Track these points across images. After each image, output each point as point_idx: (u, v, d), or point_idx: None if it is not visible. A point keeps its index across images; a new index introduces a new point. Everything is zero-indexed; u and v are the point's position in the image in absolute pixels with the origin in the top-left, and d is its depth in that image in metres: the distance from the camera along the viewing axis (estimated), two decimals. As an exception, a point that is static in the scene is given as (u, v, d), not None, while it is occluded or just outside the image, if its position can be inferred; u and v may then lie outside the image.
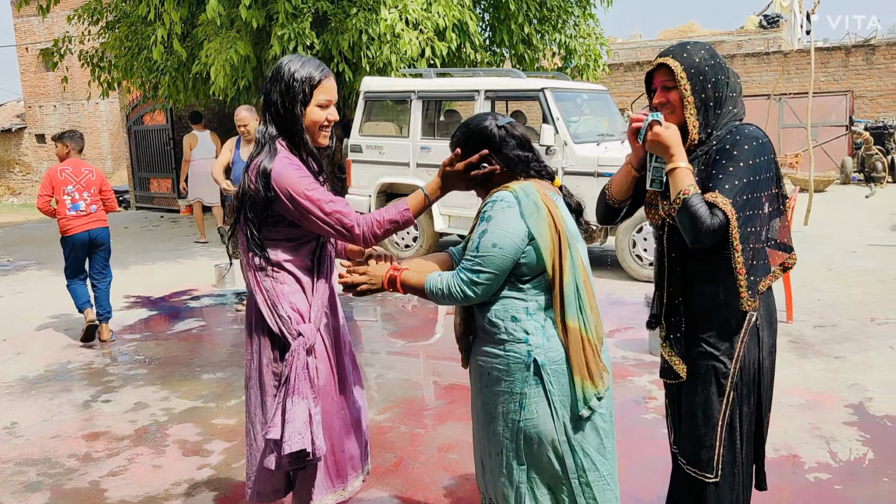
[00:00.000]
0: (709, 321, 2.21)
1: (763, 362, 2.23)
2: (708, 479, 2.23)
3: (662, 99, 2.19)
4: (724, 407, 2.19)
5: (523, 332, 2.05)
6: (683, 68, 2.14)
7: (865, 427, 3.83)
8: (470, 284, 2.04)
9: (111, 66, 11.59)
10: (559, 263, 2.04)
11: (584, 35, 12.09)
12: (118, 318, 6.65)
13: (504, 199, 2.06)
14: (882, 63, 17.94)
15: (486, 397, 2.12)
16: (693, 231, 2.06)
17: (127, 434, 4.06)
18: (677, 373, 2.26)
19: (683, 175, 2.08)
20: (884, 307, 6.08)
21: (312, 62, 2.30)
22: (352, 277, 2.24)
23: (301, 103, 2.27)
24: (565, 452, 2.06)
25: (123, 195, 17.67)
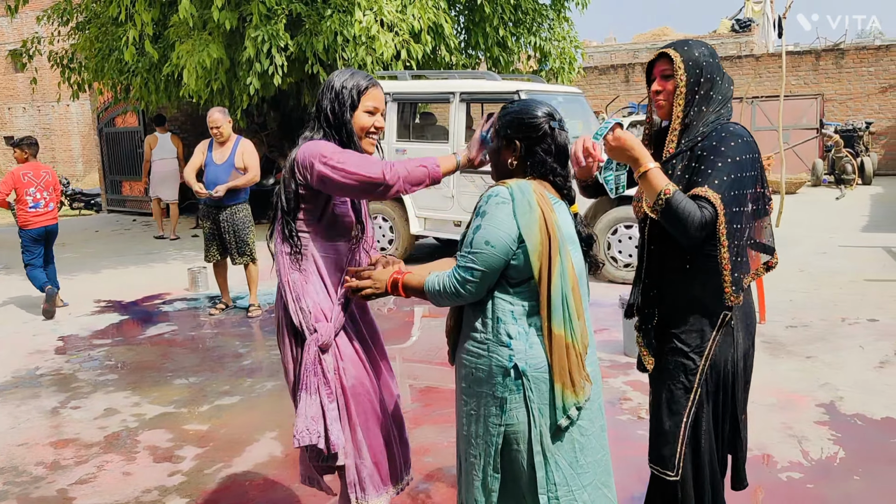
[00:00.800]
0: (682, 317, 2.23)
1: (737, 363, 2.24)
2: (668, 478, 2.23)
3: (659, 87, 2.25)
4: (690, 404, 2.21)
5: (506, 336, 2.00)
6: (683, 60, 2.20)
7: (836, 426, 3.87)
8: (463, 282, 1.99)
9: (81, 67, 11.43)
10: (547, 268, 1.97)
11: (559, 38, 12.15)
12: (88, 322, 6.55)
13: (499, 194, 2.00)
14: (851, 67, 18.25)
15: (470, 398, 2.10)
16: (683, 227, 2.06)
17: (96, 441, 3.98)
18: (645, 366, 2.31)
19: (657, 175, 2.09)
20: (854, 307, 6.16)
21: (360, 73, 2.44)
22: (357, 282, 2.23)
23: (350, 108, 2.39)
24: (538, 464, 2.00)
25: (95, 198, 17.45)
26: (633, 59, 23.00)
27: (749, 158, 2.15)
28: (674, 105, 2.21)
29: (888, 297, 6.42)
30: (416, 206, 8.43)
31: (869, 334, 5.42)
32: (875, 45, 18.56)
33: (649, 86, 2.31)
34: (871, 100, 18.15)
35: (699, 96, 2.19)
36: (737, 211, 2.11)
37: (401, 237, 8.62)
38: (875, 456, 3.52)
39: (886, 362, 4.82)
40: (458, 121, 8.09)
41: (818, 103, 18.29)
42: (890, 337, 5.33)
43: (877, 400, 4.18)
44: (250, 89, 9.30)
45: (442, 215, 8.22)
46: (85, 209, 17.49)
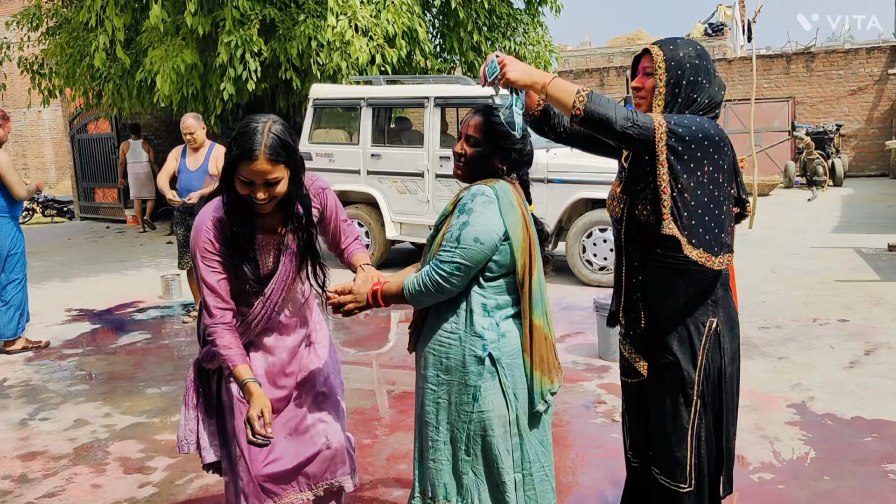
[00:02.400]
0: (669, 329, 2.20)
1: (725, 369, 2.22)
2: (682, 490, 2.22)
3: (639, 84, 2.21)
4: (692, 416, 2.19)
5: (480, 328, 2.09)
6: (664, 58, 2.15)
7: (807, 426, 3.91)
8: (448, 276, 2.05)
9: (52, 73, 11.29)
10: (529, 264, 2.10)
11: (534, 42, 12.21)
12: (58, 332, 6.45)
13: (485, 193, 2.09)
14: (821, 70, 18.51)
15: (438, 386, 2.14)
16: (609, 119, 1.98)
17: (65, 453, 3.92)
18: (638, 371, 2.26)
19: (563, 83, 2.02)
20: (825, 308, 6.24)
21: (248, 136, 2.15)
22: (339, 298, 2.25)
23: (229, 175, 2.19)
24: (515, 446, 2.12)
25: (67, 205, 17.23)
26: (607, 62, 23.15)
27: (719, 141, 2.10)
28: (653, 104, 2.17)
29: (858, 298, 6.50)
30: (392, 211, 8.41)
31: (839, 335, 5.48)
32: (844, 49, 18.84)
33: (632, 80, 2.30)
34: (841, 102, 18.43)
35: (681, 98, 2.15)
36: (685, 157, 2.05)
37: (376, 242, 8.59)
38: (845, 456, 3.56)
39: (856, 362, 4.88)
40: (432, 125, 8.09)
41: (789, 106, 18.53)
42: (859, 337, 5.40)
43: (847, 400, 4.23)
44: (224, 95, 9.24)
45: (417, 220, 8.21)
46: (57, 216, 17.25)
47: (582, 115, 1.99)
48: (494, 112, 2.15)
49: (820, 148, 16.29)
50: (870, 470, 3.40)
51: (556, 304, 6.61)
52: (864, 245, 8.95)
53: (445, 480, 2.14)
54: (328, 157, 8.84)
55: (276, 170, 2.16)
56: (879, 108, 18.20)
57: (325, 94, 8.89)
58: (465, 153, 2.17)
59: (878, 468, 3.41)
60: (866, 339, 5.36)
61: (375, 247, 8.62)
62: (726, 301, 2.23)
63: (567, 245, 7.53)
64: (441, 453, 2.15)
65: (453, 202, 2.14)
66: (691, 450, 2.21)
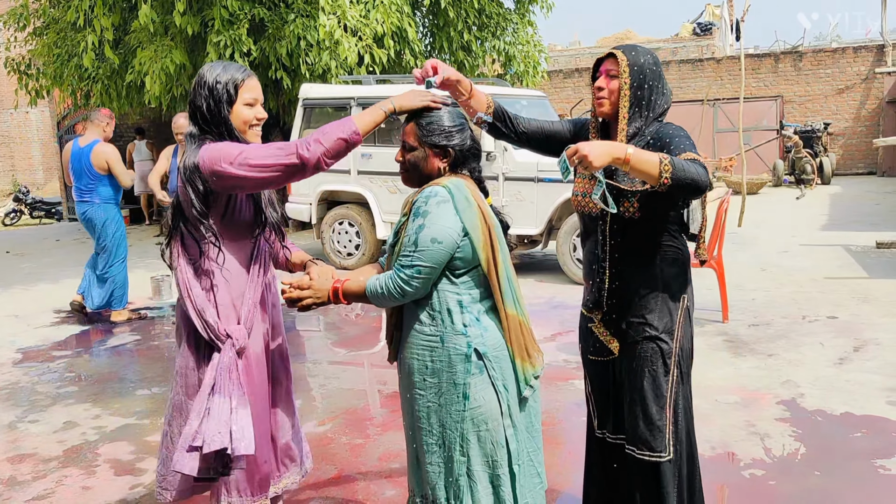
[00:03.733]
0: (648, 304, 2.35)
1: (692, 341, 2.44)
2: (662, 458, 2.33)
3: (603, 84, 2.34)
4: (671, 385, 2.35)
5: (461, 325, 2.10)
6: (628, 63, 2.30)
7: (797, 423, 3.93)
8: (409, 280, 2.06)
9: (39, 73, 11.22)
10: (492, 256, 2.11)
11: (523, 42, 12.23)
12: (47, 333, 6.42)
13: (438, 193, 2.09)
14: (809, 69, 18.62)
15: (425, 390, 2.13)
16: (695, 182, 2.06)
17: (55, 455, 3.89)
18: (611, 350, 2.41)
19: (641, 153, 2.06)
20: (814, 305, 6.27)
21: (234, 65, 2.32)
22: (296, 293, 2.24)
23: (227, 103, 2.28)
24: (510, 436, 2.13)
25: (55, 207, 17.13)
26: (597, 62, 23.20)
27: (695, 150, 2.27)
28: (619, 105, 2.31)
29: (847, 295, 6.55)
30: (383, 211, 8.41)
31: (828, 331, 5.52)
32: (832, 48, 18.97)
33: (594, 81, 2.40)
34: (829, 101, 18.55)
35: (643, 101, 2.30)
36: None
37: (367, 242, 8.59)
38: (835, 451, 3.58)
39: (845, 359, 4.91)
40: (423, 125, 8.08)
41: (778, 105, 18.63)
42: (848, 334, 5.44)
43: (836, 396, 4.26)
44: (213, 95, 9.20)
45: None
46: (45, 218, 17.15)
47: (670, 184, 2.05)
48: (423, 114, 2.18)
49: (808, 146, 16.40)
50: (859, 465, 3.42)
51: (546, 302, 6.62)
52: (852, 243, 9.01)
53: (443, 483, 2.14)
54: (318, 157, 8.80)
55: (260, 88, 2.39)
56: (867, 106, 18.34)
57: (314, 93, 8.88)
58: (405, 159, 2.21)
59: (867, 464, 3.44)
60: (855, 335, 5.40)
61: (366, 247, 8.61)
62: (690, 279, 2.45)
63: (557, 244, 7.54)
64: (436, 456, 2.14)
65: (408, 207, 2.15)
66: (670, 418, 2.35)
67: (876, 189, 15.03)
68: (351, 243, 8.75)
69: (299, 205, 9.02)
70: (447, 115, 2.19)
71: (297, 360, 5.49)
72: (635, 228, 2.32)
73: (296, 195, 9.04)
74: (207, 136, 2.30)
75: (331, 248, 8.87)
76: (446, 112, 2.20)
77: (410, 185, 2.26)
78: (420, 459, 2.20)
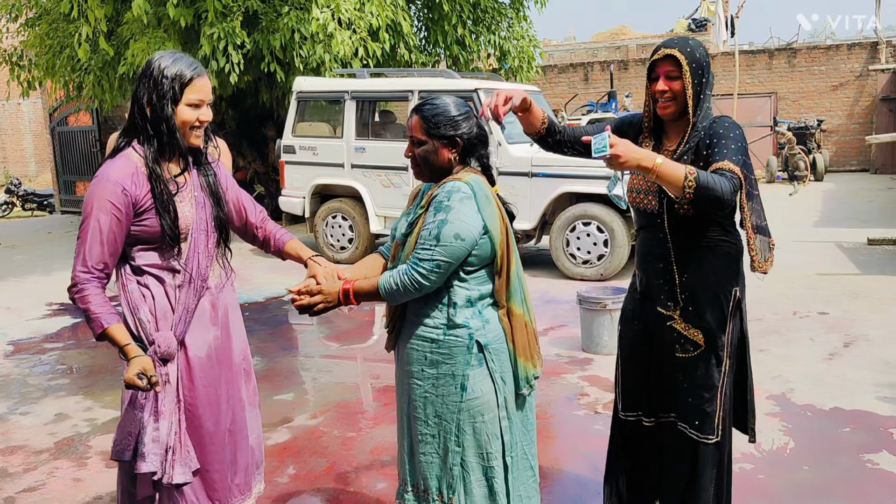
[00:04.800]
0: (703, 300, 2.42)
1: (746, 331, 2.49)
2: (709, 441, 2.44)
3: (665, 87, 2.34)
4: (722, 375, 2.43)
5: (463, 318, 2.11)
6: (688, 61, 2.30)
7: (787, 417, 3.95)
8: (427, 274, 2.05)
9: (31, 64, 11.16)
10: (507, 254, 2.14)
11: (518, 37, 12.22)
12: (39, 326, 6.40)
13: (461, 189, 2.09)
14: (803, 66, 18.65)
15: (424, 380, 2.15)
16: (718, 198, 2.12)
17: (46, 447, 3.89)
18: (697, 342, 2.43)
19: (671, 164, 2.13)
20: (805, 300, 6.30)
21: (185, 59, 2.18)
22: (308, 299, 2.22)
23: (171, 101, 2.14)
24: (505, 429, 2.15)
25: (48, 199, 17.07)
26: (592, 57, 23.21)
27: (746, 147, 2.33)
28: (687, 104, 2.32)
29: (838, 291, 6.58)
30: (376, 205, 8.40)
31: (819, 327, 5.54)
32: (826, 45, 19.00)
33: (650, 83, 2.38)
34: (823, 98, 18.59)
35: (702, 95, 2.33)
36: (749, 187, 2.30)
37: (360, 236, 8.58)
38: (824, 446, 3.60)
39: (835, 354, 4.94)
40: (417, 119, 8.07)
41: (772, 101, 18.67)
42: (839, 330, 5.47)
43: (826, 391, 4.28)
44: (206, 87, 9.16)
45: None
46: (38, 210, 17.09)
47: (692, 197, 2.11)
48: (426, 106, 2.18)
49: (801, 143, 16.43)
50: (848, 460, 3.45)
51: (539, 297, 6.63)
52: (844, 239, 9.05)
53: (437, 473, 2.16)
54: (312, 151, 8.81)
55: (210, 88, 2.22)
56: (860, 103, 18.39)
57: (308, 87, 8.85)
58: (415, 154, 2.21)
59: (855, 458, 3.46)
60: (846, 331, 5.43)
61: (359, 240, 8.61)
62: (743, 272, 2.49)
63: (551, 239, 7.56)
64: (430, 446, 2.16)
65: (426, 199, 2.14)
66: (720, 405, 2.43)
67: (868, 186, 15.09)
68: (344, 237, 8.74)
69: (293, 198, 9.00)
70: (452, 104, 2.18)
71: (289, 353, 5.49)
72: (690, 224, 2.37)
73: (289, 189, 9.03)
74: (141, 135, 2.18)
75: (324, 241, 8.86)
76: (451, 101, 2.19)
77: (423, 180, 2.26)
78: (413, 449, 2.21)
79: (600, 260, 7.31)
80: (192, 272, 2.24)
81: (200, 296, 2.27)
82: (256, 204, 2.51)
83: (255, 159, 12.63)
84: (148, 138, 2.17)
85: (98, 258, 2.11)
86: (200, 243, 2.26)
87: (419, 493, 2.21)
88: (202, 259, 2.27)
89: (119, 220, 2.11)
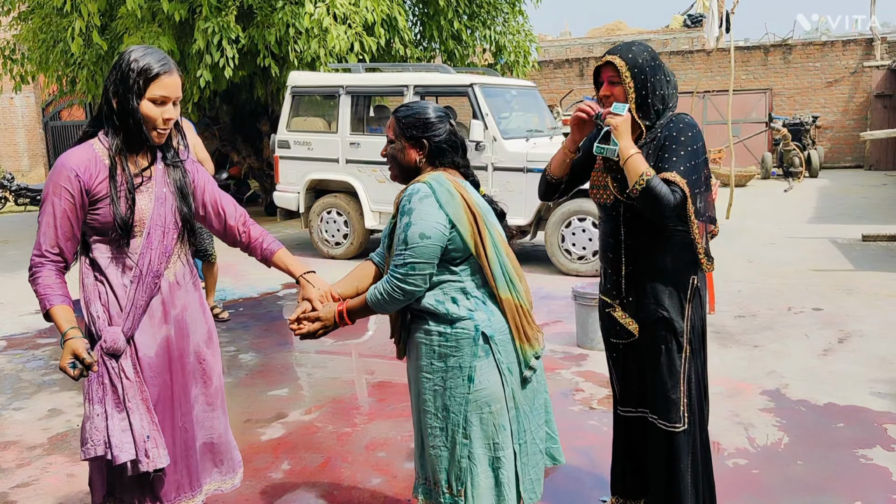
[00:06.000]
0: (660, 288, 2.49)
1: (704, 318, 2.58)
2: (678, 429, 2.50)
3: (608, 92, 2.43)
4: (684, 361, 2.50)
5: (467, 311, 2.15)
6: (628, 67, 2.38)
7: (781, 413, 3.96)
8: (404, 278, 2.10)
9: (24, 58, 11.10)
10: (481, 243, 2.16)
11: (514, 32, 12.20)
12: (32, 322, 6.37)
13: (419, 190, 2.14)
14: (798, 62, 18.68)
15: (433, 374, 2.18)
16: (659, 208, 2.31)
17: (40, 442, 3.88)
18: (631, 332, 2.56)
19: (639, 161, 2.33)
20: (800, 296, 6.32)
21: (156, 54, 2.16)
22: (307, 326, 2.27)
23: (135, 95, 2.12)
24: (513, 419, 2.18)
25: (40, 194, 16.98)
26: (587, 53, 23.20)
27: (701, 146, 2.42)
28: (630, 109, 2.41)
29: (832, 287, 6.59)
30: (371, 200, 8.39)
31: (813, 323, 5.56)
32: (821, 41, 19.02)
33: (597, 88, 2.48)
34: (818, 94, 18.62)
35: (650, 98, 2.40)
36: (697, 192, 2.38)
37: (355, 232, 8.57)
38: (817, 441, 3.61)
39: (829, 350, 4.95)
40: (412, 114, 8.06)
41: (767, 97, 18.70)
42: (833, 325, 5.48)
43: (820, 387, 4.29)
44: (201, 82, 9.14)
45: (397, 209, 8.19)
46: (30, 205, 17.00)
47: (638, 194, 2.32)
48: (403, 108, 2.26)
49: (796, 139, 16.46)
50: (842, 455, 3.46)
51: (534, 293, 6.59)
52: (838, 235, 9.07)
53: (445, 466, 2.18)
54: (306, 146, 8.78)
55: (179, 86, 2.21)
56: (855, 99, 18.43)
57: (303, 81, 8.83)
58: (386, 153, 2.29)
59: (849, 453, 3.47)
60: (840, 327, 5.44)
61: (354, 236, 8.59)
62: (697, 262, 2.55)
63: (546, 235, 7.56)
64: (439, 439, 2.19)
65: (395, 207, 2.21)
66: (684, 391, 2.50)
67: (863, 182, 15.13)
68: (339, 232, 8.72)
69: (287, 193, 8.97)
70: (430, 109, 2.25)
71: (283, 349, 5.48)
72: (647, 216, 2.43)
73: (284, 184, 9.00)
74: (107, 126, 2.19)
75: (318, 237, 8.84)
76: (430, 107, 2.26)
77: (395, 180, 2.33)
78: (425, 443, 2.24)
79: (595, 256, 7.31)
80: (144, 268, 2.22)
81: (152, 293, 2.24)
82: (238, 206, 2.48)
83: (250, 154, 12.59)
84: (114, 129, 2.18)
85: (52, 242, 2.16)
86: (155, 239, 2.24)
87: (430, 485, 2.25)
88: (155, 255, 2.24)
89: (73, 205, 2.14)
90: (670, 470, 2.54)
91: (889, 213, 10.84)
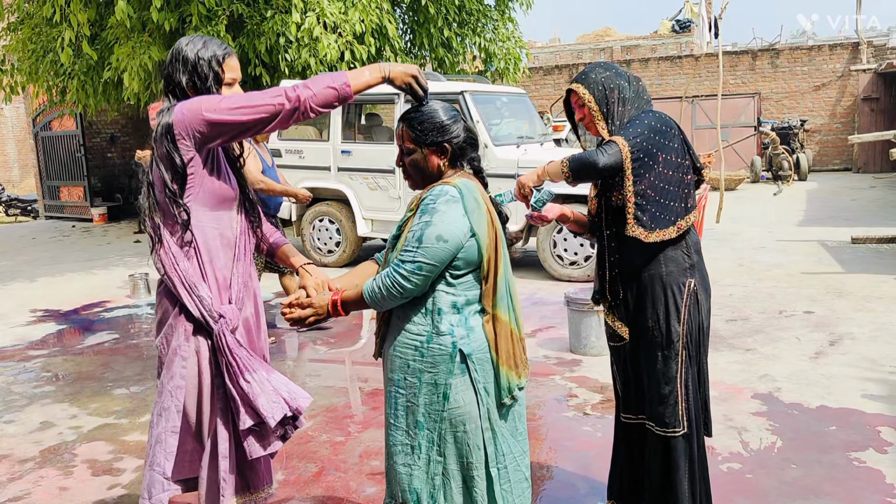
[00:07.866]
0: (652, 293, 2.51)
1: (703, 323, 2.56)
2: (676, 434, 2.51)
3: (580, 115, 2.59)
4: (679, 367, 2.51)
5: (448, 325, 2.07)
6: (585, 89, 2.53)
7: (774, 416, 3.97)
8: (408, 275, 2.02)
9: (14, 69, 11.04)
10: (495, 259, 2.10)
11: (504, 39, 12.22)
12: (23, 333, 6.34)
13: (448, 192, 2.07)
14: (786, 66, 18.80)
15: (406, 388, 2.11)
16: (592, 166, 2.38)
17: (31, 456, 3.85)
18: (621, 335, 2.61)
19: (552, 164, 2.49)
20: (791, 300, 6.35)
21: (213, 41, 2.25)
22: (299, 312, 2.20)
23: (216, 82, 2.21)
24: (488, 440, 2.11)
25: (31, 204, 16.93)
26: (577, 59, 23.29)
27: (666, 130, 2.45)
28: (595, 124, 2.54)
29: (823, 290, 6.63)
30: (363, 208, 8.39)
31: (805, 326, 5.58)
32: (808, 45, 19.15)
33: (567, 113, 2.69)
34: (806, 98, 18.74)
35: (615, 110, 2.51)
36: (646, 161, 2.40)
37: (347, 239, 8.56)
38: (810, 444, 3.63)
39: (821, 353, 4.97)
40: (403, 122, 8.06)
41: (755, 102, 18.80)
42: (824, 328, 5.51)
43: (812, 390, 4.31)
44: (191, 91, 9.10)
45: (389, 216, 8.19)
46: (21, 216, 16.93)
47: (571, 176, 2.42)
48: (413, 114, 2.18)
49: (785, 143, 16.56)
50: (835, 458, 3.47)
51: (527, 298, 6.64)
52: (828, 238, 9.12)
53: (416, 486, 2.11)
54: (298, 154, 8.78)
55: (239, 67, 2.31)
56: (842, 103, 18.55)
57: (294, 90, 8.80)
58: (405, 163, 2.22)
59: (842, 455, 3.49)
60: (831, 330, 5.47)
61: (346, 244, 8.59)
62: (700, 265, 2.59)
63: (538, 240, 7.57)
64: (411, 457, 2.12)
65: (415, 204, 2.13)
66: (681, 397, 2.51)
67: (851, 185, 15.22)
68: (332, 240, 8.71)
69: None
70: (440, 109, 2.17)
71: (276, 357, 5.46)
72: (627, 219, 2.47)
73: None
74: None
75: (311, 245, 8.83)
76: (439, 106, 2.18)
77: (414, 188, 2.25)
78: (392, 460, 2.17)
79: (587, 261, 7.33)
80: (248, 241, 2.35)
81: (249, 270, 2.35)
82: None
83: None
84: None
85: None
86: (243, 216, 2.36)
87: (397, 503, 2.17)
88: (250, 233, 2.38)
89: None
90: (667, 476, 2.55)
91: (878, 215, 10.91)
